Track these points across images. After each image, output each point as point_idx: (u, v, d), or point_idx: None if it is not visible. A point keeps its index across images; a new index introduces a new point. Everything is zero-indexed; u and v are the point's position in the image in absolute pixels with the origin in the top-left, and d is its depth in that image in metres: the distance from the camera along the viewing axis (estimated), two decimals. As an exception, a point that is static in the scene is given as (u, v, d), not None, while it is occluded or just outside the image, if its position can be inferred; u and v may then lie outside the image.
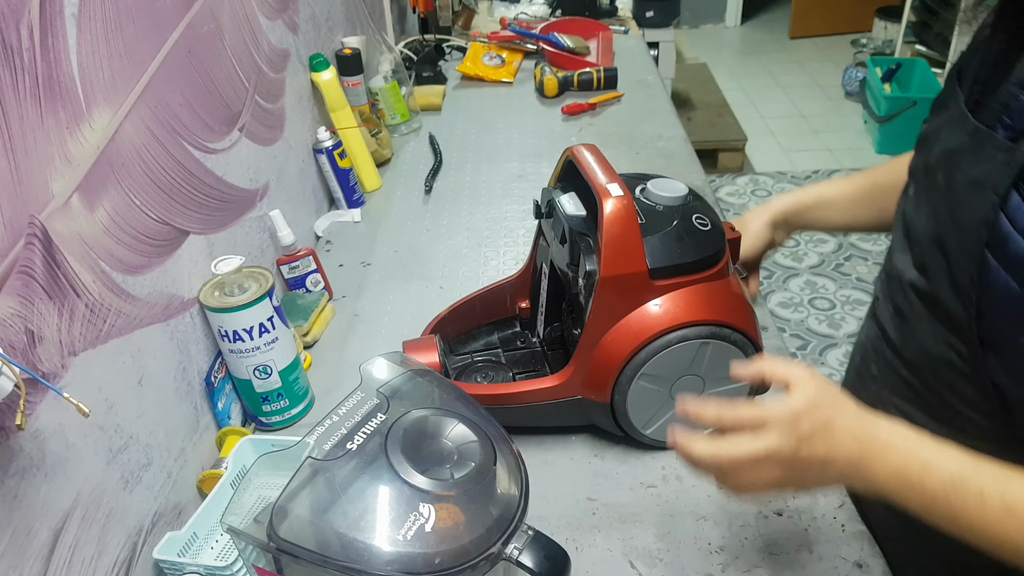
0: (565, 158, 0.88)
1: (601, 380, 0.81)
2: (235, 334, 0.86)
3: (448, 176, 1.51)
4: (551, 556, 0.59)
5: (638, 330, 0.78)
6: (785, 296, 2.73)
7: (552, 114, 1.72)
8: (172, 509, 0.79)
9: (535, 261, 0.99)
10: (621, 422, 0.84)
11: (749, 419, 0.60)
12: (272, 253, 1.12)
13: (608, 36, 2.05)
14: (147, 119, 0.78)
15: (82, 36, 0.67)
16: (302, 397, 0.95)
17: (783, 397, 0.60)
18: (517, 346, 1.01)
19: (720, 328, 0.79)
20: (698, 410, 0.63)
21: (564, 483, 0.85)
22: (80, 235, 0.66)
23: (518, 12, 2.29)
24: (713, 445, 0.61)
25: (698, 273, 0.79)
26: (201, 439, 0.87)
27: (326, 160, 1.33)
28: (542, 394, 0.85)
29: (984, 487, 0.54)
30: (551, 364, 0.96)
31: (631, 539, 0.78)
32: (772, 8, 5.45)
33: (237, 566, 0.70)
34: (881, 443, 0.58)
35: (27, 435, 0.58)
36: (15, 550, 0.57)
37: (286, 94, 1.21)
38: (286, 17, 1.23)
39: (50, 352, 0.62)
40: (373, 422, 0.62)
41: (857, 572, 0.73)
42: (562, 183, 0.90)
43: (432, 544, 0.55)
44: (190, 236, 0.87)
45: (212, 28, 0.95)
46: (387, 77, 1.57)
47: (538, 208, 0.92)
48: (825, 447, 0.58)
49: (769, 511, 0.79)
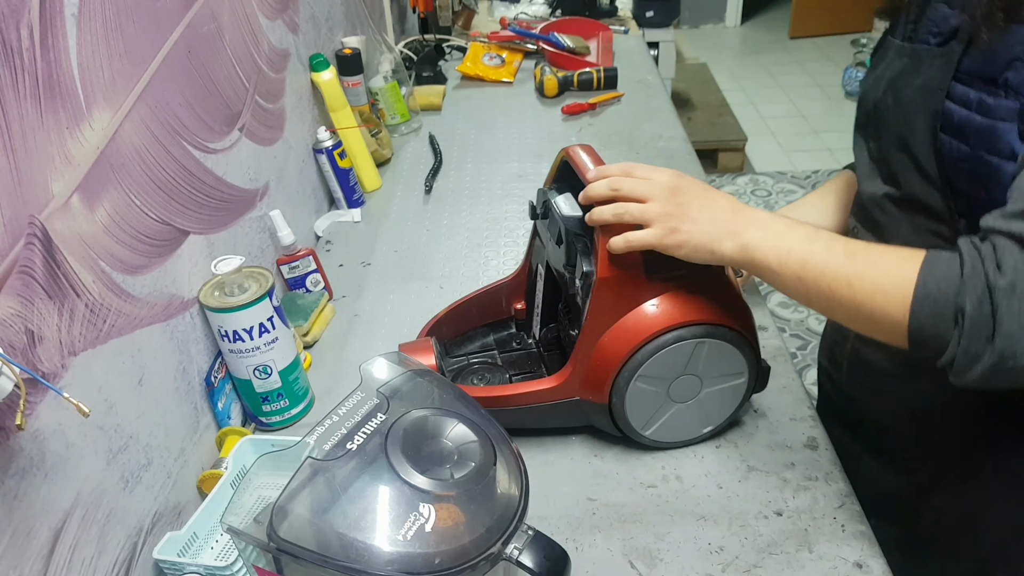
0: (560, 158, 0.88)
1: (599, 381, 0.81)
2: (235, 334, 0.86)
3: (448, 176, 1.51)
4: (551, 556, 0.59)
5: (636, 330, 0.78)
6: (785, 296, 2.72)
7: (552, 114, 1.72)
8: (172, 509, 0.79)
9: (530, 262, 0.99)
10: (619, 423, 0.83)
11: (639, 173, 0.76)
12: (272, 253, 1.13)
13: (608, 36, 2.05)
14: (147, 119, 0.78)
15: (82, 36, 0.67)
16: (302, 397, 0.95)
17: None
18: (513, 347, 1.01)
19: (717, 327, 0.79)
20: (603, 170, 0.78)
21: (564, 483, 0.85)
22: (80, 235, 0.66)
23: (518, 12, 2.29)
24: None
25: (693, 272, 0.79)
26: (201, 439, 0.87)
27: (326, 160, 1.33)
28: (540, 395, 0.84)
29: (832, 241, 0.69)
30: (547, 365, 0.96)
31: (631, 539, 0.78)
32: (772, 8, 5.46)
33: (237, 566, 0.70)
34: (749, 207, 0.75)
35: (27, 435, 0.58)
36: (15, 550, 0.57)
37: (286, 94, 1.21)
38: (286, 17, 1.23)
39: (50, 352, 0.62)
40: (373, 422, 0.62)
41: (857, 572, 0.73)
42: (557, 184, 0.89)
43: (432, 544, 0.55)
44: (190, 236, 0.87)
45: (212, 28, 0.95)
46: (387, 77, 1.57)
47: (534, 209, 0.92)
48: (705, 191, 0.75)
49: (769, 511, 0.79)
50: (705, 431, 0.87)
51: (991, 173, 0.68)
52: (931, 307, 0.62)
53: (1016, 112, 0.65)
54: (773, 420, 0.90)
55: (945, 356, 0.62)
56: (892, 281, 0.64)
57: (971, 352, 0.60)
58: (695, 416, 0.85)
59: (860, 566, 0.73)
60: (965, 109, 0.69)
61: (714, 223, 0.73)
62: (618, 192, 0.75)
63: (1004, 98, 0.66)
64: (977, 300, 0.59)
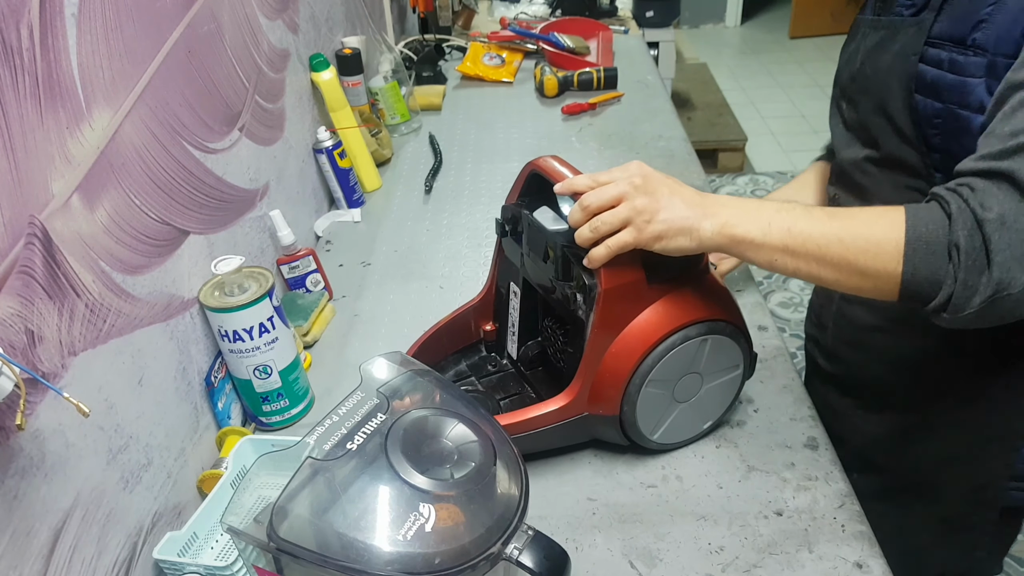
0: (528, 172, 0.85)
1: (609, 392, 0.79)
2: (235, 334, 0.86)
3: (448, 176, 1.51)
4: (551, 556, 0.59)
5: (643, 337, 0.77)
6: (785, 296, 2.73)
7: (552, 114, 1.72)
8: (172, 509, 0.79)
9: (497, 282, 0.96)
10: (629, 432, 0.82)
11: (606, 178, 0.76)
12: (272, 253, 1.12)
13: (608, 36, 2.05)
14: (147, 119, 0.78)
15: (82, 36, 0.67)
16: (302, 397, 0.95)
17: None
18: (488, 371, 0.97)
19: (716, 323, 0.79)
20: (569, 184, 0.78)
21: (564, 483, 0.85)
22: (80, 235, 0.66)
23: (518, 12, 2.29)
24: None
25: (687, 272, 0.79)
26: (201, 439, 0.87)
27: (326, 160, 1.33)
28: (548, 418, 0.81)
29: (808, 208, 0.71)
30: (532, 384, 0.94)
31: (631, 539, 0.78)
32: (772, 8, 5.46)
33: (237, 566, 0.70)
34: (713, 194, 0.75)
35: (27, 435, 0.58)
36: (15, 550, 0.57)
37: (286, 94, 1.21)
38: (286, 17, 1.23)
39: (50, 352, 0.62)
40: (373, 422, 0.62)
41: (857, 572, 0.73)
42: (525, 198, 0.87)
43: (432, 544, 0.55)
44: (190, 236, 0.87)
45: (212, 28, 0.95)
46: (387, 77, 1.57)
47: (502, 226, 0.89)
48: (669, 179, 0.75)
49: (769, 511, 0.79)
50: (705, 427, 0.87)
51: (962, 126, 0.74)
52: (924, 248, 0.65)
53: (984, 67, 0.71)
54: (773, 420, 0.90)
55: (940, 296, 0.65)
56: (881, 232, 0.66)
57: (969, 284, 0.63)
58: (696, 413, 0.85)
59: (860, 566, 0.73)
60: (937, 69, 0.75)
61: (687, 208, 0.73)
62: (588, 208, 0.74)
63: (973, 56, 0.72)
64: (968, 234, 0.63)
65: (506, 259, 0.93)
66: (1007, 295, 0.62)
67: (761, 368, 0.95)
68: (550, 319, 0.91)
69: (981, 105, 0.72)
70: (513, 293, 0.94)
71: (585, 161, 1.50)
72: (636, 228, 0.72)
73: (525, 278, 0.91)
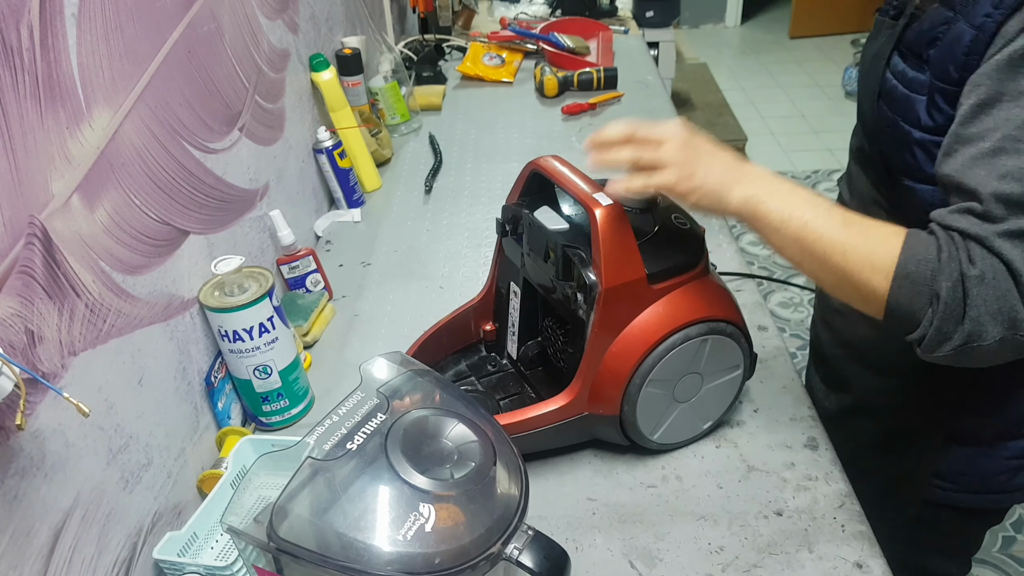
0: (529, 172, 0.85)
1: (610, 392, 0.79)
2: (235, 334, 0.86)
3: (448, 176, 1.51)
4: (551, 556, 0.59)
5: (643, 336, 0.77)
6: (785, 296, 2.73)
7: (552, 114, 1.72)
8: (172, 509, 0.79)
9: (497, 282, 0.96)
10: (629, 432, 0.83)
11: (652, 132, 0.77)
12: (272, 253, 1.12)
13: (608, 36, 2.05)
14: (147, 119, 0.78)
15: (82, 36, 0.67)
16: (302, 397, 0.95)
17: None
18: (488, 371, 0.97)
19: (717, 323, 0.79)
20: (605, 134, 0.79)
21: (564, 483, 0.85)
22: (80, 235, 0.66)
23: (518, 12, 2.29)
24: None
25: (689, 272, 0.79)
26: (201, 439, 0.87)
27: (326, 160, 1.33)
28: (549, 417, 0.81)
29: (831, 208, 0.71)
30: (532, 384, 0.94)
31: (631, 539, 0.78)
32: (772, 8, 5.45)
33: (237, 566, 0.70)
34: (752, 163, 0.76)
35: (27, 435, 0.58)
36: (15, 550, 0.57)
37: (286, 94, 1.21)
38: (286, 17, 1.23)
39: (50, 352, 0.62)
40: (373, 422, 0.62)
41: (857, 572, 0.73)
42: (526, 198, 0.87)
43: (432, 544, 0.55)
44: (190, 236, 0.87)
45: (212, 28, 0.95)
46: (387, 77, 1.57)
47: (502, 226, 0.89)
48: (712, 142, 0.76)
49: (769, 511, 0.79)
50: (705, 427, 0.87)
51: (904, 140, 0.76)
52: (910, 286, 0.65)
53: (927, 86, 0.72)
54: (773, 420, 0.90)
55: (916, 333, 0.66)
56: (880, 256, 0.67)
57: (942, 332, 0.64)
58: (696, 414, 0.85)
59: (860, 566, 0.73)
60: (894, 79, 0.77)
61: (725, 171, 0.74)
62: (635, 134, 0.76)
63: (921, 73, 0.73)
64: (951, 287, 0.63)
65: (506, 259, 0.93)
66: (977, 346, 0.63)
67: (761, 368, 0.95)
68: (550, 319, 0.91)
69: (918, 120, 0.73)
70: (513, 293, 0.94)
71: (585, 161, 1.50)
72: (676, 173, 0.73)
73: (525, 278, 0.91)
